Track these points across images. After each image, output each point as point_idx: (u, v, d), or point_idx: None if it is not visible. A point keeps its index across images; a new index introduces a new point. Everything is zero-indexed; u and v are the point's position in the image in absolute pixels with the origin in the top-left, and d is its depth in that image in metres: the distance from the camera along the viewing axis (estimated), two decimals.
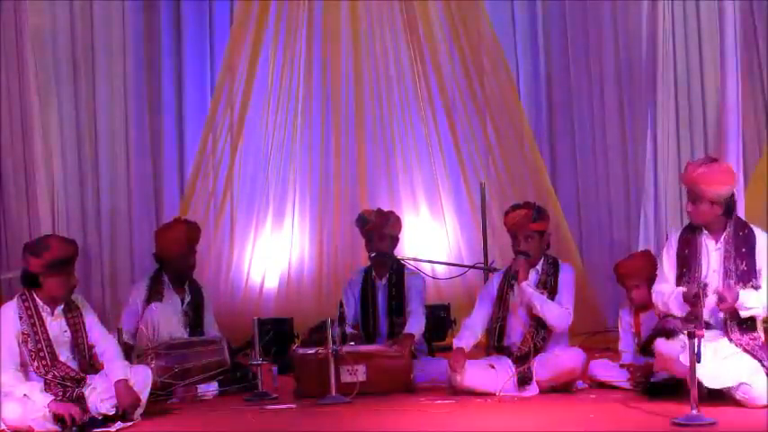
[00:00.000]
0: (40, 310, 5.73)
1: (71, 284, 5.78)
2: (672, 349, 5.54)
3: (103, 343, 5.89)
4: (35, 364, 5.65)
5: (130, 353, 6.59)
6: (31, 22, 8.17)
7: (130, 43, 9.22)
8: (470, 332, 6.54)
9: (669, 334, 5.60)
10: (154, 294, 6.97)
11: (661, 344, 5.64)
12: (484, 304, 6.64)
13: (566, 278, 6.48)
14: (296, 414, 6.18)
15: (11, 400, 5.54)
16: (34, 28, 8.22)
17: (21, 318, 5.69)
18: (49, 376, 5.64)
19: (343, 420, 5.87)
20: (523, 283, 6.35)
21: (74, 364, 5.77)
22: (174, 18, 9.70)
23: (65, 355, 5.77)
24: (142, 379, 5.82)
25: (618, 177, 8.92)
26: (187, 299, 7.06)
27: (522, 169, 9.21)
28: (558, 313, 6.35)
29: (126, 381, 5.70)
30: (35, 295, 5.74)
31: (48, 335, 5.71)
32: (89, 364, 5.87)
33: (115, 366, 5.77)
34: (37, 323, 5.69)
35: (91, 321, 5.90)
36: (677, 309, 5.73)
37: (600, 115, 9.07)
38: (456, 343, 6.49)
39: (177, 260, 7.03)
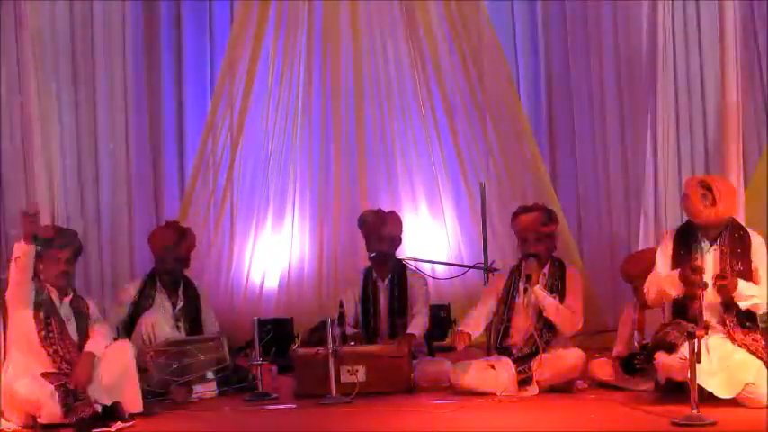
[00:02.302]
0: (50, 292, 5.88)
1: (57, 270, 5.86)
2: (673, 363, 5.56)
3: (95, 324, 6.01)
4: (43, 333, 5.76)
5: None
6: (31, 23, 8.16)
7: (130, 43, 9.21)
8: (474, 323, 6.56)
9: (669, 348, 5.61)
10: (145, 298, 6.97)
11: (662, 358, 5.66)
12: (489, 300, 6.64)
13: (573, 281, 6.51)
14: (296, 414, 6.18)
15: (23, 377, 5.66)
16: (34, 28, 8.22)
17: (36, 291, 5.84)
18: (52, 350, 5.75)
19: (343, 420, 5.87)
20: (536, 287, 6.38)
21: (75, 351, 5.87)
22: (174, 18, 9.70)
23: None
24: (122, 353, 5.89)
25: (618, 177, 8.91)
26: (179, 304, 7.03)
27: (522, 169, 9.20)
28: (569, 317, 6.38)
29: (92, 355, 5.78)
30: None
31: (57, 312, 5.86)
32: None
33: (94, 341, 5.87)
34: (48, 300, 5.85)
35: (91, 305, 6.09)
36: (673, 289, 5.72)
37: (600, 115, 9.06)
38: (462, 329, 6.49)
39: (167, 261, 7.01)
